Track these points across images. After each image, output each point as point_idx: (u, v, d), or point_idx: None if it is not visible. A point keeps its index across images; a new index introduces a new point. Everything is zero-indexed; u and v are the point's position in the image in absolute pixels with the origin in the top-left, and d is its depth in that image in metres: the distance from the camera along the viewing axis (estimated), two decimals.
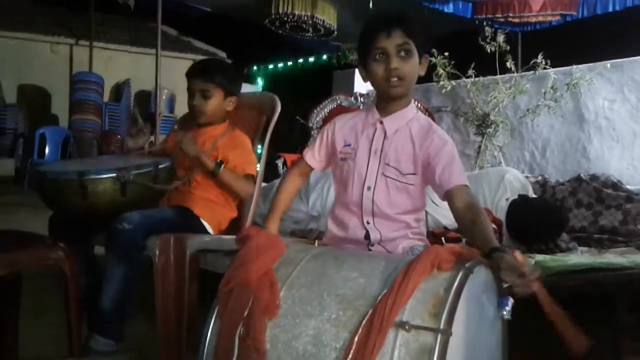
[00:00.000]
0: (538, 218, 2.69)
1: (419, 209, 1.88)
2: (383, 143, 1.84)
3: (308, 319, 1.33)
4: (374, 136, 1.85)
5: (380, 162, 1.83)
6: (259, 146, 2.42)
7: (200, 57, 14.22)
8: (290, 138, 6.83)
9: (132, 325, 2.05)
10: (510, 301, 1.49)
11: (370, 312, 1.27)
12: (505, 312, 1.48)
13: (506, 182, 2.92)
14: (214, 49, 14.68)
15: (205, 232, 2.19)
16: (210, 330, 1.41)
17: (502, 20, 6.61)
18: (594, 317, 1.57)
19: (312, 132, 6.09)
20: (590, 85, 4.63)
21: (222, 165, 2.17)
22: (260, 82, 11.58)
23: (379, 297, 1.29)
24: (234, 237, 1.63)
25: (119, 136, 10.28)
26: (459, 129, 5.90)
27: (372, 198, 1.82)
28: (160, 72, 6.84)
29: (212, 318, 1.42)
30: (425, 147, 1.80)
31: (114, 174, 1.92)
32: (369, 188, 1.83)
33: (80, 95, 9.95)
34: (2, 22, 10.67)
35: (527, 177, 3.83)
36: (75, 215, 2.03)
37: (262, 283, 1.41)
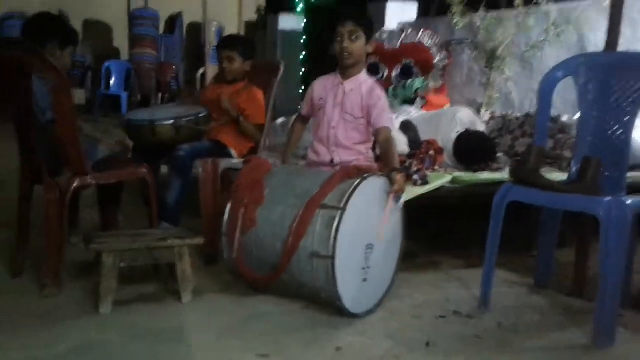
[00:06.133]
0: (475, 147, 3.66)
1: (367, 141, 2.94)
2: (343, 97, 2.88)
3: (278, 204, 2.45)
4: (337, 92, 2.90)
5: (341, 110, 2.88)
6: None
7: None
8: (324, 68, 7.57)
9: (185, 217, 3.19)
10: (402, 199, 2.57)
11: (308, 200, 2.37)
12: (399, 205, 2.56)
13: (457, 119, 3.85)
14: None
15: (232, 157, 3.28)
16: (227, 212, 2.55)
17: None
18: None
19: None
20: (589, 21, 5.01)
21: (242, 117, 3.26)
22: (300, 15, 12.27)
23: (315, 192, 2.38)
24: None
25: (174, 67, 11.39)
26: (477, 61, 6.49)
27: (335, 134, 2.88)
28: (208, 5, 7.60)
29: (228, 206, 2.56)
30: (368, 100, 2.84)
31: (172, 121, 3.05)
32: (333, 127, 2.90)
33: (138, 30, 11.00)
34: None
35: (493, 112, 4.76)
36: (148, 147, 3.18)
37: (255, 186, 2.53)
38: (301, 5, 12.59)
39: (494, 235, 2.57)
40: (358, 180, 2.37)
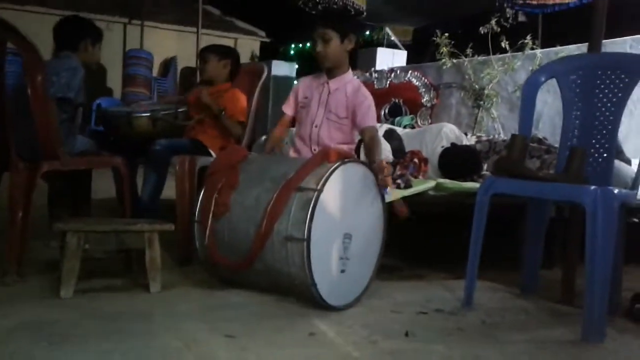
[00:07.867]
0: (461, 160, 3.60)
1: (350, 142, 2.87)
2: (328, 97, 2.83)
3: (253, 188, 2.35)
4: (322, 92, 2.85)
5: (325, 109, 2.83)
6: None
7: (241, 36, 15.21)
8: None
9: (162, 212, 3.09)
10: (388, 189, 2.48)
11: (284, 183, 2.27)
12: (386, 196, 2.47)
13: (442, 134, 3.81)
14: (254, 28, 15.63)
15: (210, 155, 3.20)
16: (201, 197, 2.45)
17: (521, 2, 7.06)
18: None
19: None
20: None
21: (223, 112, 3.19)
22: (294, 61, 12.50)
23: (291, 176, 2.29)
24: None
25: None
26: (466, 104, 6.53)
27: (318, 133, 2.82)
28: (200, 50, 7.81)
29: (202, 191, 2.45)
30: (353, 100, 2.79)
31: (149, 113, 2.98)
32: (316, 126, 2.83)
33: (132, 70, 11.09)
34: (64, 3, 11.91)
35: (480, 136, 4.73)
36: (126, 141, 3.10)
37: (230, 171, 2.43)
38: (294, 54, 12.89)
39: (477, 231, 2.47)
40: (337, 164, 2.28)
